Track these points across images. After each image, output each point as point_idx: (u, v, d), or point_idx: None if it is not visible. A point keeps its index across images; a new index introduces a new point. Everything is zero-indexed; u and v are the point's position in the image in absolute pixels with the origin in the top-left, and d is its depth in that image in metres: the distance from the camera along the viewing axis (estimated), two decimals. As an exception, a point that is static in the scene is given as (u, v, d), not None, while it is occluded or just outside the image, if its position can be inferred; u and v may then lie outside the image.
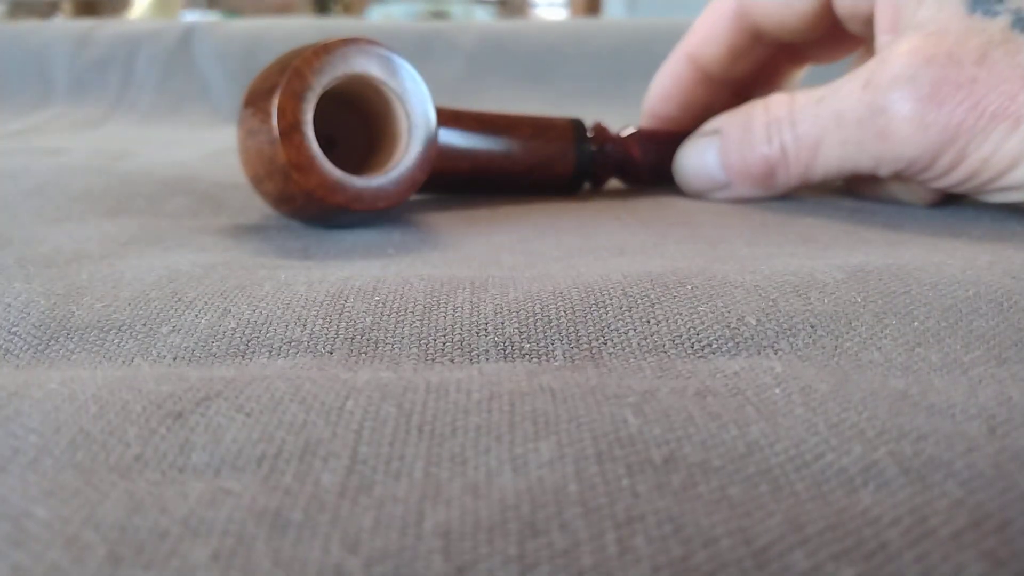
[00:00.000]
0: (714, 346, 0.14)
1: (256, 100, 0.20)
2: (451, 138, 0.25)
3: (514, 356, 0.14)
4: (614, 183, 0.31)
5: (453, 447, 0.10)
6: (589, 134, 0.28)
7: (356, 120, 0.23)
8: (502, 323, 0.15)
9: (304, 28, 0.65)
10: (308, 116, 0.20)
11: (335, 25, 0.68)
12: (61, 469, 0.10)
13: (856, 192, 0.28)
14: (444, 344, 0.14)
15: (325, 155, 0.20)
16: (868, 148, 0.22)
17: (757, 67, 0.30)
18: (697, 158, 0.27)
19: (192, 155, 0.40)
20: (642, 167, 0.29)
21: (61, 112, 0.60)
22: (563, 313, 0.15)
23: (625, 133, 0.29)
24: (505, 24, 0.65)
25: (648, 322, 0.15)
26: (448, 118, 0.25)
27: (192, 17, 1.51)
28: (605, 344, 0.14)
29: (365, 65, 0.21)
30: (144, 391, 0.11)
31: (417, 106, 0.22)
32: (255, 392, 0.11)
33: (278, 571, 0.08)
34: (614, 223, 0.24)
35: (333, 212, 0.21)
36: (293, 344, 0.14)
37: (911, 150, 0.21)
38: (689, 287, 0.15)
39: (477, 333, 0.14)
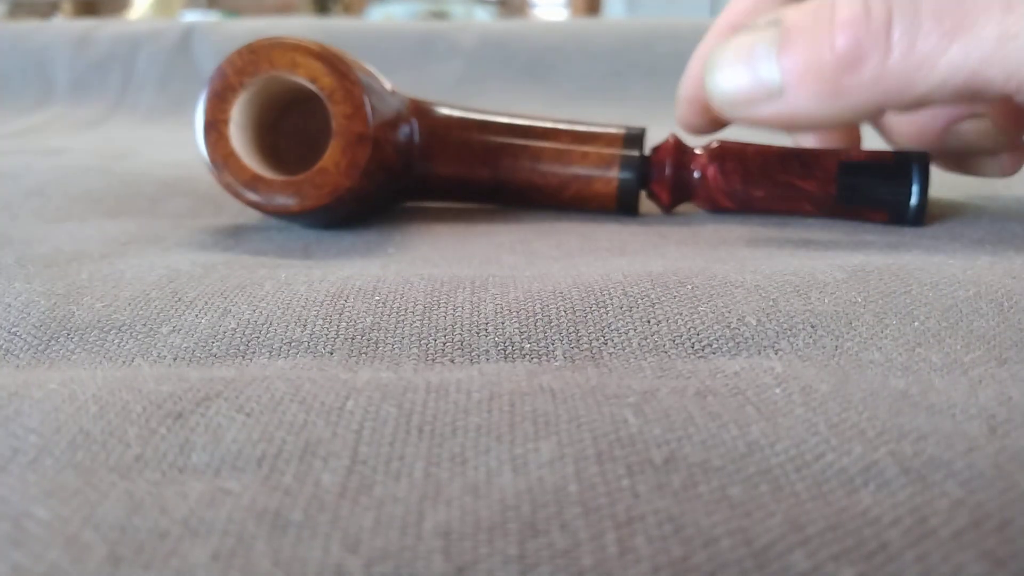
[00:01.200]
0: (714, 346, 0.14)
1: None
2: (471, 140, 0.24)
3: (514, 356, 0.14)
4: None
5: (453, 447, 0.10)
6: (648, 148, 0.24)
7: None
8: (502, 323, 0.15)
9: (304, 28, 0.65)
10: (229, 114, 0.21)
11: (335, 25, 0.68)
12: (61, 469, 0.10)
13: (951, 166, 0.24)
14: (444, 344, 0.14)
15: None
16: None
17: None
18: (736, 53, 0.18)
19: (192, 155, 0.39)
20: (717, 190, 0.24)
21: (61, 112, 0.60)
22: (563, 313, 0.15)
23: (701, 148, 0.24)
24: (505, 24, 0.65)
25: (648, 322, 0.15)
26: (472, 122, 0.24)
27: (192, 17, 1.50)
28: (605, 344, 0.14)
29: (291, 65, 0.21)
30: (144, 391, 0.11)
31: (343, 107, 0.20)
32: (255, 392, 0.11)
33: (278, 571, 0.08)
34: (614, 223, 0.24)
35: (264, 211, 0.21)
36: (293, 344, 0.14)
37: None
38: (689, 287, 0.15)
39: (477, 333, 0.14)
